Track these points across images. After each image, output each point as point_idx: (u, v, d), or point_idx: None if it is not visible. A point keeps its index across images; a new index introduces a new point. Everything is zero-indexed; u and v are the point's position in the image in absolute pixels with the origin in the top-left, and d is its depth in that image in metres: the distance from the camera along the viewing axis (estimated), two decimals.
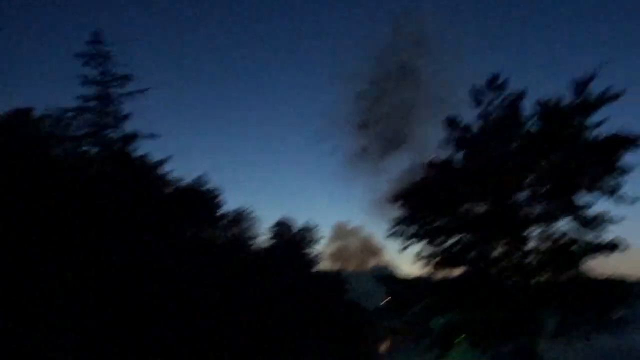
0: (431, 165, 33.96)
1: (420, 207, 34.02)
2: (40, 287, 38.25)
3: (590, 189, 31.51)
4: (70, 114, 49.82)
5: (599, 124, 30.86)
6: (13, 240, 38.25)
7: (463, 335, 34.11)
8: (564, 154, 31.13)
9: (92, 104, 49.38)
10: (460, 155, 33.73)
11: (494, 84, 32.32)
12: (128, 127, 50.32)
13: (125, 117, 49.97)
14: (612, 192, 31.18)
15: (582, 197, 31.94)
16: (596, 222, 31.36)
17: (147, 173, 53.05)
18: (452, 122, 33.40)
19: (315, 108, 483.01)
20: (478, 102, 32.88)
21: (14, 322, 36.04)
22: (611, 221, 31.23)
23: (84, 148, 50.35)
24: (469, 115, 33.62)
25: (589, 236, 31.79)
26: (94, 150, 50.11)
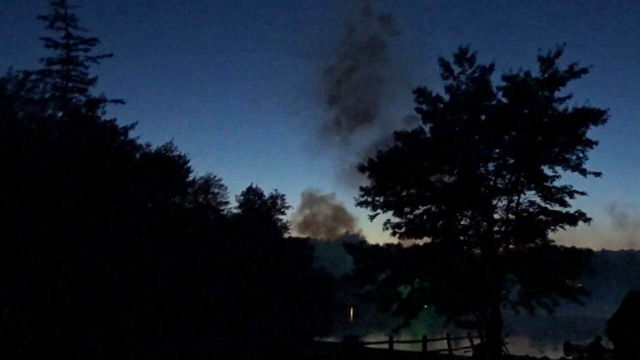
0: (399, 136, 34.05)
1: (388, 177, 34.17)
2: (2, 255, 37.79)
3: (555, 162, 32.07)
4: (34, 77, 48.68)
5: (564, 99, 31.35)
6: None
7: (429, 303, 34.74)
8: (530, 127, 31.50)
9: (56, 67, 48.31)
10: (428, 127, 33.88)
11: (463, 57, 32.37)
12: (94, 91, 49.38)
13: (91, 81, 48.99)
14: (576, 165, 31.79)
15: (547, 170, 32.54)
16: (560, 195, 32.00)
17: (114, 138, 52.31)
18: (421, 94, 33.44)
19: (285, 81, 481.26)
20: (447, 75, 32.93)
21: None
22: (575, 194, 31.89)
23: (49, 112, 49.39)
24: (438, 88, 33.78)
25: (553, 208, 32.48)
26: (59, 114, 49.21)
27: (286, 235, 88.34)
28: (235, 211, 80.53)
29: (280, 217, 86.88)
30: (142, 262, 47.57)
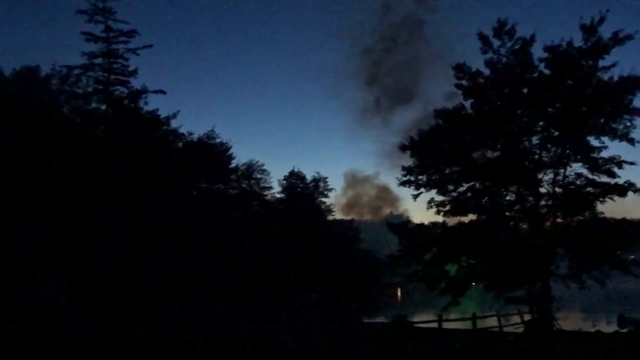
0: (440, 113, 33.71)
1: (430, 155, 33.94)
2: (52, 242, 38.83)
3: (601, 132, 31.36)
4: (77, 71, 49.72)
5: (609, 67, 30.52)
6: (25, 197, 38.67)
7: (477, 281, 34.49)
8: (574, 98, 30.81)
9: (98, 60, 49.22)
10: (469, 103, 33.43)
11: (502, 30, 31.74)
12: (135, 83, 50.25)
13: (132, 73, 49.84)
14: (623, 135, 31.03)
15: (594, 141, 31.84)
16: (608, 166, 31.29)
17: (157, 128, 53.13)
18: (461, 69, 32.98)
19: (323, 64, 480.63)
20: (486, 49, 32.36)
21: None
22: (623, 164, 31.16)
23: (93, 105, 50.40)
24: (478, 64, 33.24)
25: (601, 180, 31.80)
26: (103, 107, 50.18)
27: (330, 218, 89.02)
28: (278, 196, 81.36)
29: (324, 199, 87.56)
30: (191, 249, 48.46)
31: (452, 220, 35.72)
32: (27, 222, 38.10)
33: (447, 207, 34.22)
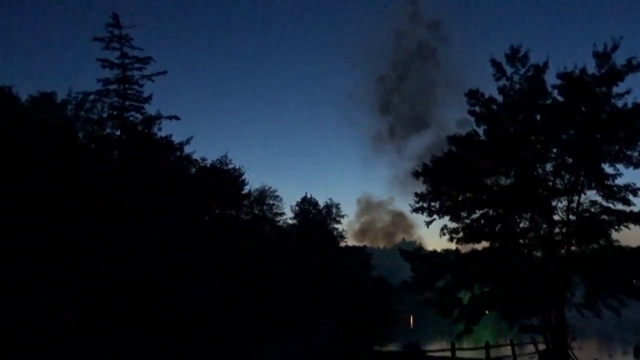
0: (453, 140, 33.64)
1: (443, 182, 33.77)
2: (64, 266, 38.93)
3: (616, 159, 31.15)
4: (92, 97, 50.37)
5: (623, 94, 30.44)
6: (40, 221, 38.88)
7: (491, 309, 34.09)
8: (588, 125, 30.69)
9: (113, 86, 49.83)
10: (482, 129, 33.37)
11: (515, 56, 31.78)
12: (149, 109, 50.78)
13: (147, 99, 50.41)
14: (638, 162, 30.83)
15: (608, 168, 31.61)
16: (623, 193, 31.01)
17: (170, 154, 53.51)
18: (474, 96, 32.98)
19: (337, 91, 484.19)
20: (499, 76, 32.40)
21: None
22: (638, 192, 30.87)
23: (108, 131, 50.91)
24: (491, 90, 33.24)
25: (616, 207, 31.51)
26: (117, 132, 50.65)
27: (343, 244, 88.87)
28: (290, 221, 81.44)
29: (336, 225, 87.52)
30: (204, 272, 48.43)
31: (465, 247, 35.49)
32: (40, 245, 38.28)
33: (460, 234, 33.88)
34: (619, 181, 31.25)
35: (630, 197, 30.93)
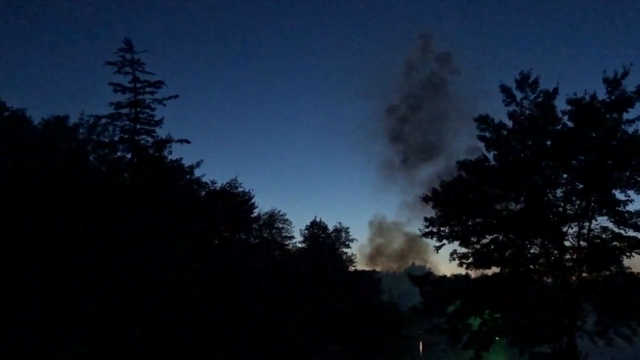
0: (463, 165, 33.59)
1: (453, 207, 33.67)
2: (75, 292, 38.93)
3: (627, 186, 30.97)
4: (104, 120, 50.71)
5: (634, 120, 30.37)
6: (51, 244, 38.99)
7: (502, 335, 33.74)
8: (599, 151, 30.58)
9: (125, 110, 50.12)
10: (492, 154, 33.32)
11: (525, 82, 31.83)
12: (160, 132, 50.99)
13: (158, 122, 50.61)
14: None
15: (619, 194, 31.42)
16: (634, 220, 30.78)
17: (180, 177, 53.66)
18: (484, 121, 32.97)
19: (347, 120, 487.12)
20: (509, 101, 32.42)
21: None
22: None
23: (119, 154, 51.14)
24: (501, 117, 33.24)
25: (628, 233, 31.26)
26: (128, 156, 50.87)
27: (352, 268, 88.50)
28: (299, 245, 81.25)
29: (345, 250, 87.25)
30: (212, 296, 48.27)
31: (475, 273, 35.29)
32: (51, 270, 38.36)
33: (470, 259, 33.71)
34: (630, 207, 31.17)
35: None
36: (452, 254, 34.43)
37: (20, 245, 37.67)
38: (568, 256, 32.46)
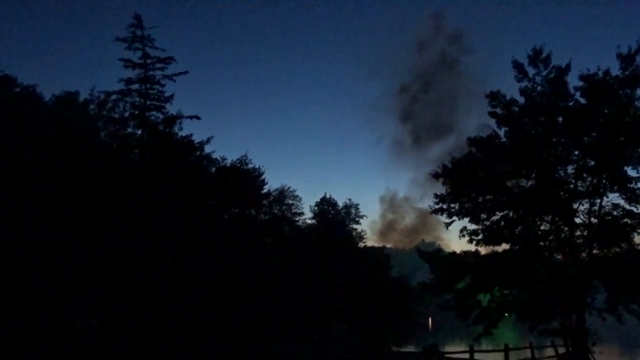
0: (473, 142, 33.46)
1: (463, 183, 33.61)
2: (86, 266, 39.32)
3: (639, 163, 30.79)
4: (114, 97, 50.75)
5: None
6: (62, 220, 39.29)
7: (510, 311, 33.87)
8: (611, 127, 30.34)
9: (135, 86, 50.10)
10: (503, 131, 33.16)
11: (538, 58, 31.51)
12: (171, 108, 50.99)
13: (168, 99, 50.58)
14: None
15: (631, 171, 31.26)
16: None
17: (191, 153, 53.75)
18: (495, 97, 32.76)
19: (359, 99, 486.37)
20: (521, 77, 32.15)
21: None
22: None
23: (129, 130, 51.25)
24: (513, 94, 33.00)
25: (639, 210, 31.14)
26: (139, 132, 50.97)
27: (361, 245, 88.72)
28: (309, 222, 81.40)
29: (355, 226, 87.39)
30: (224, 272, 48.63)
31: (485, 249, 35.33)
32: (63, 243, 38.70)
33: (480, 236, 33.73)
34: None
35: None
36: (462, 231, 34.48)
37: (32, 221, 37.98)
38: (578, 233, 32.43)
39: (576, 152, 32.12)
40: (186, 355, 36.17)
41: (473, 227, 34.01)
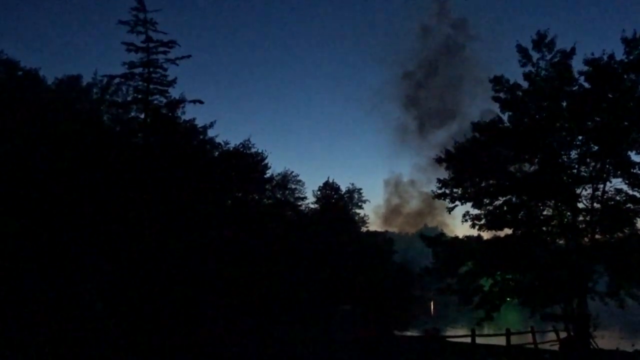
0: (477, 126, 33.40)
1: (466, 168, 33.62)
2: (89, 248, 39.42)
3: None
4: (117, 80, 50.57)
5: None
6: (64, 204, 39.33)
7: (512, 296, 33.97)
8: (615, 112, 30.24)
9: (138, 70, 49.88)
10: (506, 116, 33.07)
11: (542, 42, 31.35)
12: (173, 92, 50.78)
13: (171, 82, 50.36)
14: None
15: (635, 157, 31.23)
16: None
17: (193, 137, 53.66)
18: (499, 82, 32.64)
19: (362, 84, 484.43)
20: (525, 62, 32.00)
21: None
22: None
23: (132, 114, 51.13)
24: (516, 79, 32.89)
25: None
26: (142, 116, 50.87)
27: (364, 229, 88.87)
28: (312, 206, 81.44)
29: (358, 211, 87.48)
30: (226, 256, 48.75)
31: (487, 234, 35.40)
32: (67, 228, 38.77)
33: (483, 221, 33.79)
34: None
35: None
36: (464, 216, 34.56)
37: (35, 204, 38.04)
38: (581, 218, 32.48)
39: (580, 137, 32.07)
40: (190, 337, 36.35)
41: (476, 212, 34.12)
